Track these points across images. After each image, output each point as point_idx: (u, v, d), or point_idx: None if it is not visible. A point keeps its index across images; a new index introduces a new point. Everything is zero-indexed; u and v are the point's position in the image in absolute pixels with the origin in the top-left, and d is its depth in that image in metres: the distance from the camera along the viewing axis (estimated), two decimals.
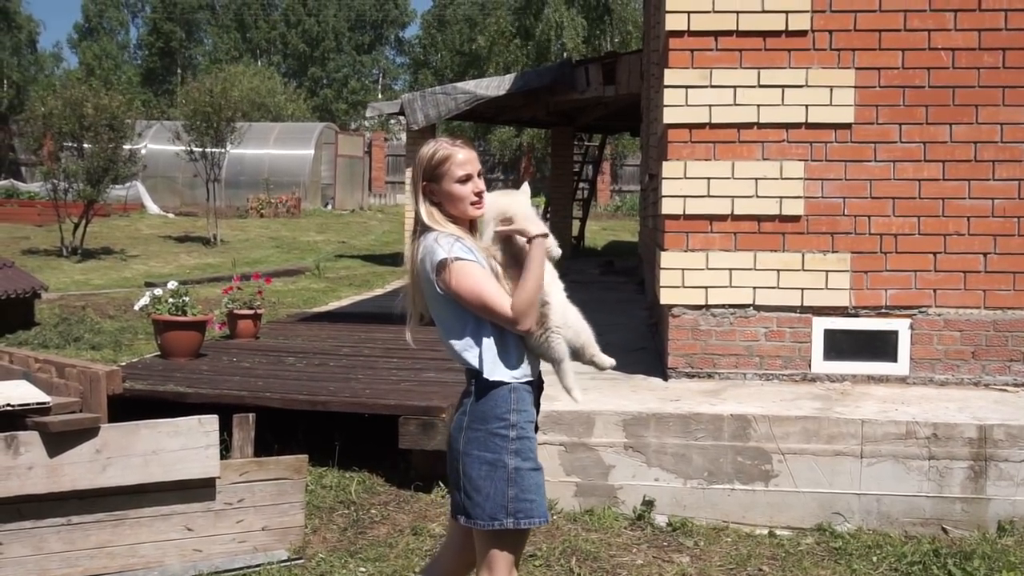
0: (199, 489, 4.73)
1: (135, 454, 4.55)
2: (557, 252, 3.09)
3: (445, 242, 2.96)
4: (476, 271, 2.93)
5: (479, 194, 3.04)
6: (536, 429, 3.13)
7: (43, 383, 4.92)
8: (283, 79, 53.51)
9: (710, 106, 6.26)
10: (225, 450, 5.05)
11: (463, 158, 3.02)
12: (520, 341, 3.04)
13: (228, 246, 19.10)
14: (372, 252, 19.71)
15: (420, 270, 3.02)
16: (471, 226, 3.09)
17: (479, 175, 3.06)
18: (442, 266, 2.92)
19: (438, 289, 2.94)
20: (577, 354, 3.13)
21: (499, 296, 2.93)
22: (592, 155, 22.24)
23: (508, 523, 3.01)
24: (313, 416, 6.24)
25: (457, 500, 3.09)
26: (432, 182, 3.04)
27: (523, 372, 3.05)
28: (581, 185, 21.55)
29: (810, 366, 6.36)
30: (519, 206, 3.04)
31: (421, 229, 3.06)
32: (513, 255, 3.01)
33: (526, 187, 3.15)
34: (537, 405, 3.12)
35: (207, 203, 20.26)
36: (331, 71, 61.24)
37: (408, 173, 16.40)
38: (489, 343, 2.99)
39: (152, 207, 24.87)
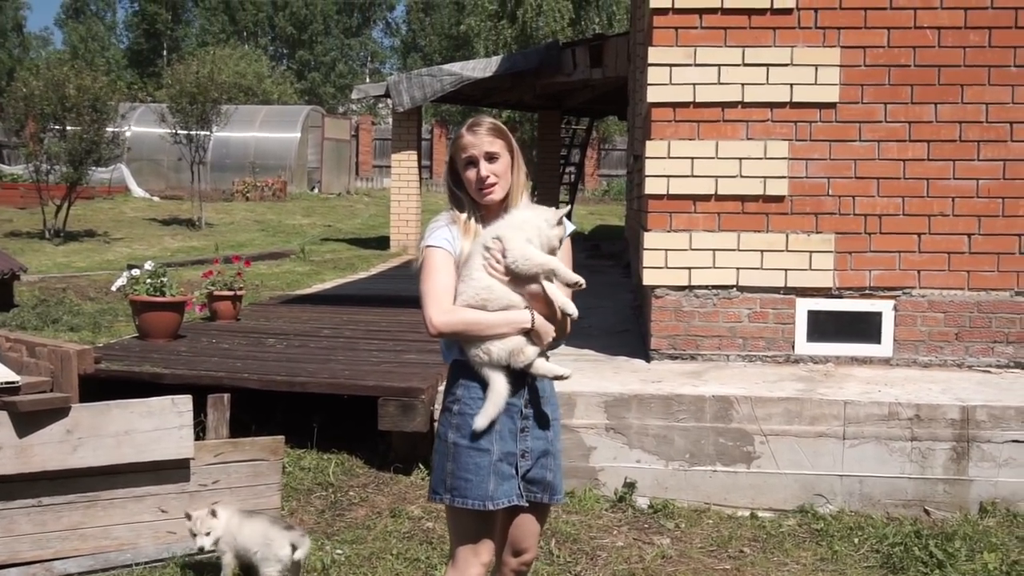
0: (173, 470, 4.65)
1: (107, 435, 4.47)
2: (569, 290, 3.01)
3: (430, 228, 2.99)
4: (434, 262, 2.94)
5: (483, 180, 2.97)
6: (532, 408, 3.04)
7: (13, 362, 4.83)
8: (270, 62, 53.11)
9: (694, 84, 6.17)
10: (201, 432, 4.97)
11: (465, 141, 2.98)
12: None
13: (213, 229, 18.92)
14: (358, 236, 19.53)
15: None
16: (493, 210, 3.02)
17: (490, 159, 2.98)
18: (420, 253, 2.99)
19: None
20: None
21: (435, 295, 2.92)
22: (579, 138, 22.08)
23: (446, 499, 2.99)
24: (292, 398, 6.15)
25: None
26: (454, 162, 3.06)
27: None
28: (568, 169, 21.35)
29: (793, 347, 6.27)
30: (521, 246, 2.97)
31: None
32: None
33: (549, 214, 3.03)
34: (527, 388, 3.02)
35: (192, 186, 20.06)
36: (319, 54, 60.85)
37: (393, 158, 16.31)
38: None
39: (137, 190, 24.66)
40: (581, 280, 2.94)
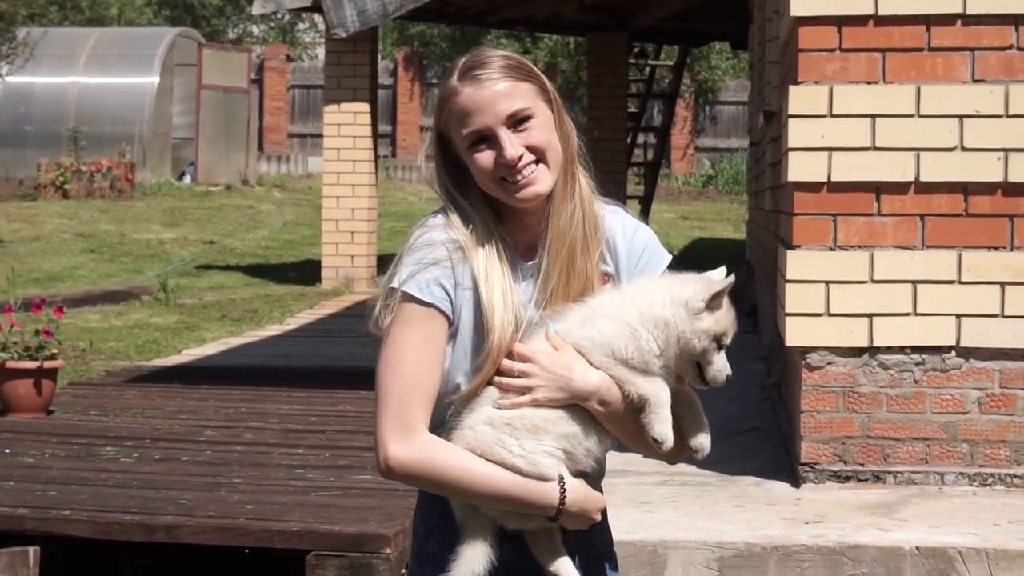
0: None
1: None
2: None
3: (413, 257, 2.05)
4: (410, 334, 2.03)
5: (514, 165, 2.01)
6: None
7: None
8: None
9: None
10: None
11: (464, 103, 2.06)
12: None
13: (3, 249, 13.97)
14: (264, 261, 14.43)
15: None
16: (535, 214, 2.09)
17: (518, 123, 2.02)
18: (388, 296, 2.05)
19: (373, 326, 2.15)
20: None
21: (398, 401, 2.04)
22: (662, 84, 15.45)
23: None
24: (152, 552, 4.62)
25: None
26: (449, 141, 2.12)
27: None
28: (642, 139, 15.11)
29: None
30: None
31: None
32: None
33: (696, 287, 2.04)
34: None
35: None
36: None
37: (326, 120, 11.58)
38: None
39: None
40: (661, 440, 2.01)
